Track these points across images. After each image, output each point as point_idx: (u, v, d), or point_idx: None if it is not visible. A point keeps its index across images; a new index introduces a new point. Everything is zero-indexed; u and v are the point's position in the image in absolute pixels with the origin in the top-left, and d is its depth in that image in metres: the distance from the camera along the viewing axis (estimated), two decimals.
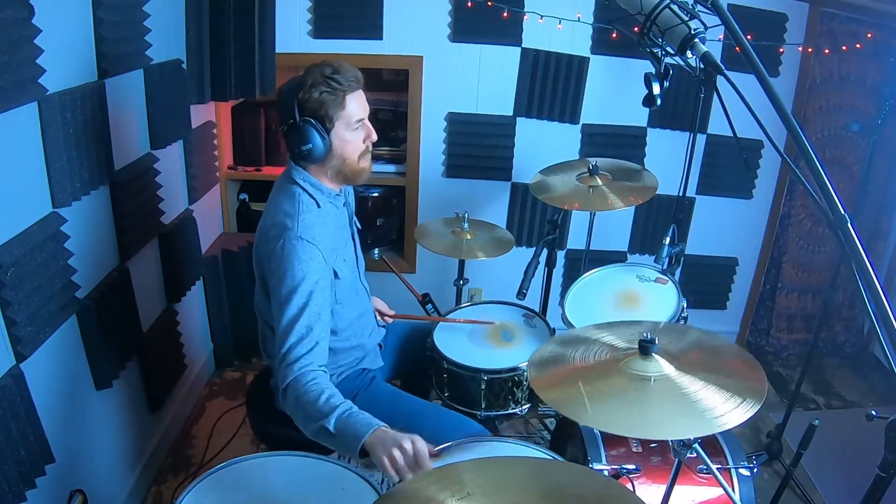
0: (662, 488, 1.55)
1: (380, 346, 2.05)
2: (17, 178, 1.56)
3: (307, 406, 1.45)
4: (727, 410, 1.17)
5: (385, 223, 3.36)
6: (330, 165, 1.69)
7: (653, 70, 1.31)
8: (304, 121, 1.60)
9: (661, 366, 1.29)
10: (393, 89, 3.28)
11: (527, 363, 1.97)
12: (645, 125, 3.06)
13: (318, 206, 1.68)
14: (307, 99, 1.60)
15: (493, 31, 2.84)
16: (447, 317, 2.22)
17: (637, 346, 1.33)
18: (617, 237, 3.29)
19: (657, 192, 2.35)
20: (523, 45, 2.89)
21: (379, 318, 2.13)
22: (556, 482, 1.10)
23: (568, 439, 2.04)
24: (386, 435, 1.37)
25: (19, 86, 1.50)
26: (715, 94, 1.10)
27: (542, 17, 2.76)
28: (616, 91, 2.98)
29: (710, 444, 1.79)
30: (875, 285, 0.85)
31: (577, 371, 1.35)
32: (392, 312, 2.18)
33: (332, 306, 1.71)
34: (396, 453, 1.32)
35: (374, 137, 1.73)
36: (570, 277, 3.08)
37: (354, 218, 1.90)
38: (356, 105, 1.65)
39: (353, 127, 1.66)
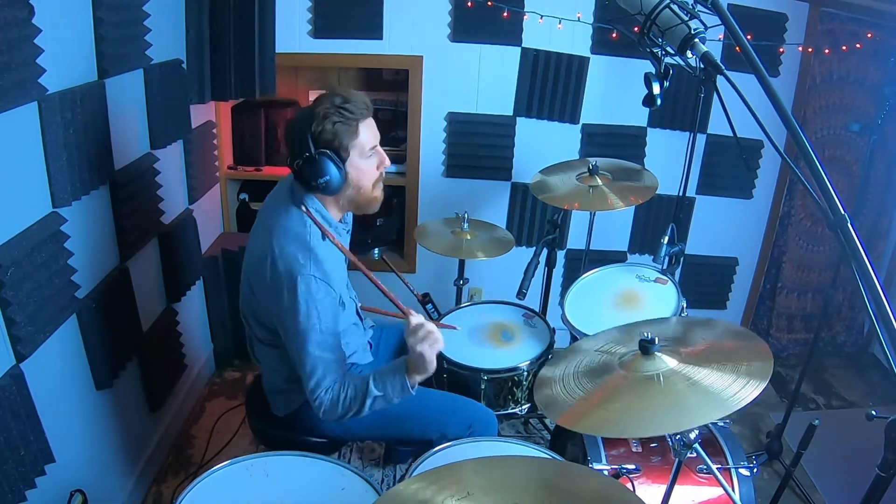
0: (662, 488, 1.55)
1: (369, 343, 2.05)
2: (17, 177, 1.56)
3: (352, 404, 1.59)
4: (739, 388, 1.17)
5: (385, 223, 3.35)
6: (344, 195, 1.69)
7: (653, 70, 1.31)
8: (320, 153, 1.58)
9: (665, 362, 1.30)
10: (393, 89, 3.28)
11: (526, 364, 1.98)
12: (645, 125, 3.06)
13: (323, 238, 1.67)
14: (321, 131, 1.58)
15: (493, 30, 2.84)
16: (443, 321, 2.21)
17: (638, 348, 1.33)
18: (617, 237, 3.29)
19: (657, 192, 2.35)
20: (523, 45, 2.89)
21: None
22: (556, 482, 1.10)
23: (568, 439, 2.04)
24: (413, 362, 1.57)
25: (19, 86, 1.50)
26: (715, 94, 1.10)
27: (542, 17, 2.76)
28: (616, 91, 2.98)
29: (710, 443, 1.79)
30: (875, 285, 0.85)
31: (592, 397, 1.34)
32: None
33: None
34: (426, 347, 1.54)
35: (388, 163, 1.73)
36: (570, 277, 3.08)
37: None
38: (368, 133, 1.65)
39: (367, 154, 1.65)
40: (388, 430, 1.82)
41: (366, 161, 1.66)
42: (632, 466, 1.73)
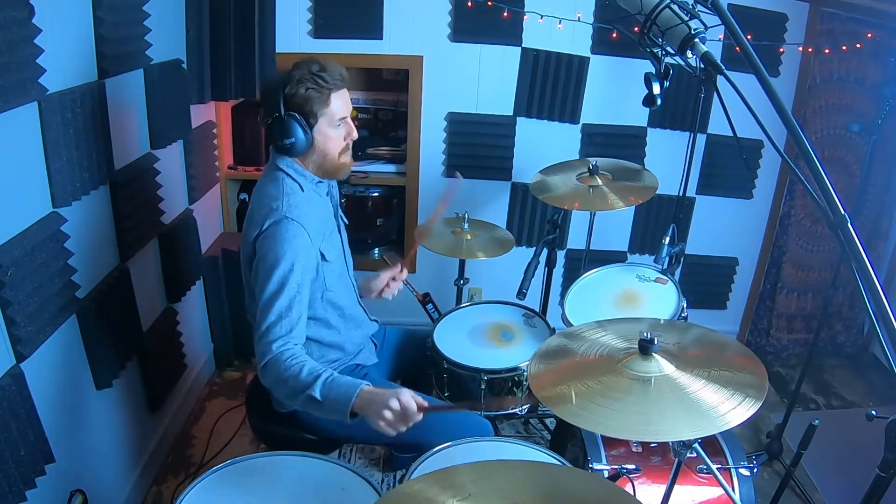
0: (662, 488, 1.55)
1: (374, 343, 2.05)
2: (17, 177, 1.56)
3: (290, 380, 1.49)
4: (730, 408, 1.16)
5: (385, 223, 3.36)
6: (311, 159, 1.73)
7: (653, 70, 1.31)
8: (289, 115, 1.64)
9: (661, 365, 1.28)
10: (393, 89, 3.28)
11: (527, 364, 1.98)
12: (645, 125, 3.06)
13: (302, 189, 1.71)
14: (293, 94, 1.63)
15: (493, 30, 2.84)
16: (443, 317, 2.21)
17: (637, 346, 1.33)
18: (617, 237, 3.29)
19: (657, 192, 2.35)
20: (523, 45, 2.89)
21: (390, 284, 2.06)
22: (556, 485, 1.10)
23: (568, 439, 2.04)
24: (373, 396, 1.44)
25: (19, 86, 1.50)
26: (715, 94, 1.10)
27: (542, 16, 2.76)
28: (616, 91, 2.98)
29: (710, 443, 1.79)
30: (875, 285, 0.85)
31: (576, 373, 1.33)
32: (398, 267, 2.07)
33: (322, 292, 1.74)
34: (387, 414, 1.40)
35: (355, 135, 1.77)
36: (570, 277, 3.08)
37: (340, 213, 1.91)
38: (340, 104, 1.69)
39: (335, 124, 1.70)
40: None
41: (334, 130, 1.70)
42: (632, 466, 1.73)
